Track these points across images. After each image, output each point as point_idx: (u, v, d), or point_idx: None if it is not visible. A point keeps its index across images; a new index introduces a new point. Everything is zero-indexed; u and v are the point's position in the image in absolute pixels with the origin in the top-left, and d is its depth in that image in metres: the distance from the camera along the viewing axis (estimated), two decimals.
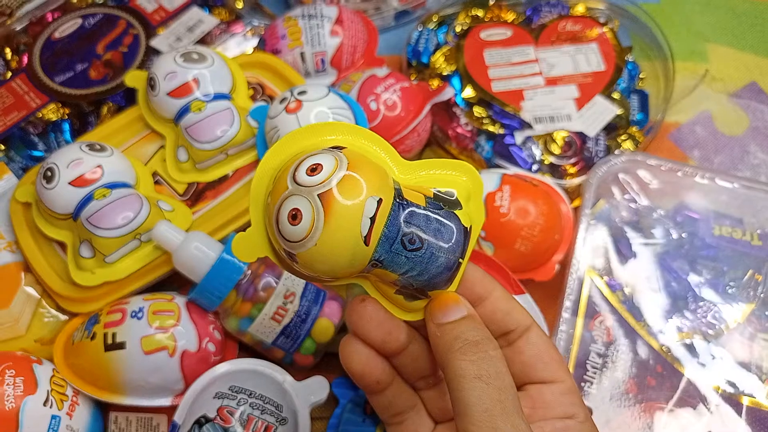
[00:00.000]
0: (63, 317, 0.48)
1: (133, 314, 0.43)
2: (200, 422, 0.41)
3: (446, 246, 0.29)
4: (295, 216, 0.27)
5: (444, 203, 0.29)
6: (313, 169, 0.27)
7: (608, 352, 0.47)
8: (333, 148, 0.29)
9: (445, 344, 0.30)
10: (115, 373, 0.42)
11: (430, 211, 0.29)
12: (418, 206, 0.29)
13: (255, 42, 0.63)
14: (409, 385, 0.34)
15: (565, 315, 0.47)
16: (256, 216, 0.30)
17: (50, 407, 0.41)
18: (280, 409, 0.41)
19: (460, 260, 0.30)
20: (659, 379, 0.46)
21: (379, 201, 0.27)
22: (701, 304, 0.49)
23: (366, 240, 0.27)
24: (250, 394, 0.41)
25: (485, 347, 0.29)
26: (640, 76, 0.62)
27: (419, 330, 0.33)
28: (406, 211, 0.28)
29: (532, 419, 0.31)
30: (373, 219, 0.27)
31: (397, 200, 0.28)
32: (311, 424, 0.43)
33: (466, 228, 0.30)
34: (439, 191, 0.30)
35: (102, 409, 0.46)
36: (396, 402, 0.33)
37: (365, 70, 0.55)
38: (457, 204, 0.30)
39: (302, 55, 0.57)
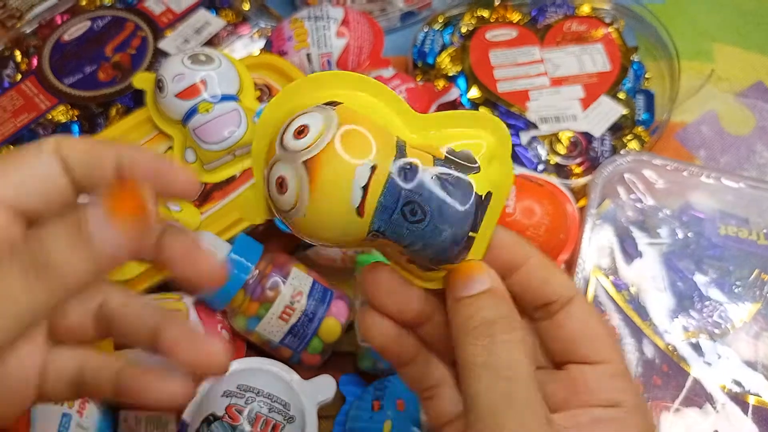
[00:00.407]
0: None
1: None
2: (209, 420, 0.41)
3: (451, 218, 0.25)
4: (281, 184, 0.24)
5: (456, 166, 0.25)
6: (300, 132, 0.24)
7: None
8: (327, 104, 0.25)
9: (459, 323, 0.26)
10: None
11: (432, 181, 0.25)
12: (423, 170, 0.25)
13: (262, 44, 0.64)
14: (440, 358, 0.30)
15: None
16: (258, 176, 0.27)
17: (61, 405, 0.42)
18: (288, 407, 0.42)
19: (471, 233, 0.26)
20: (665, 378, 0.47)
21: (373, 167, 0.24)
22: (707, 303, 0.49)
23: (359, 211, 0.24)
24: (258, 393, 0.41)
25: (502, 328, 0.25)
26: (646, 75, 0.62)
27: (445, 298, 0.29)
28: (409, 177, 0.25)
29: (570, 405, 0.27)
30: (366, 188, 0.24)
31: (399, 164, 0.25)
32: (318, 422, 0.43)
33: (480, 196, 0.25)
34: (452, 151, 0.26)
35: (112, 408, 0.46)
36: (425, 376, 0.30)
37: (371, 71, 0.55)
38: (472, 167, 0.26)
39: (308, 56, 0.57)
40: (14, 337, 0.21)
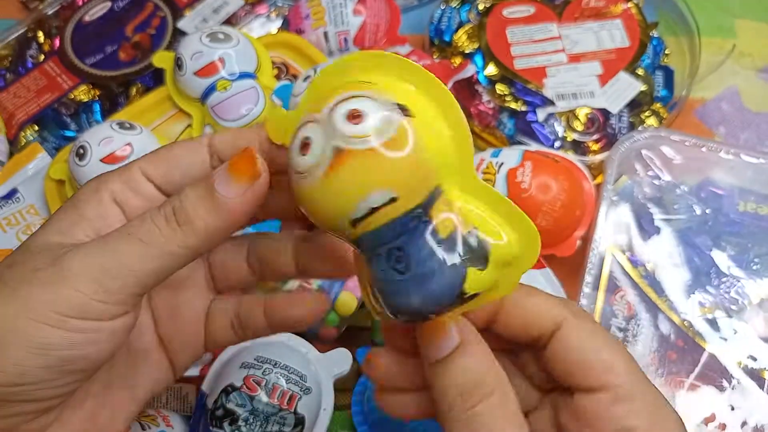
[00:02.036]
0: None
1: None
2: (227, 391, 0.42)
3: (426, 293, 0.23)
4: (305, 145, 0.23)
5: (465, 252, 0.23)
6: (355, 116, 0.22)
7: (629, 326, 0.48)
8: (398, 105, 0.23)
9: (436, 396, 0.26)
10: None
11: (443, 248, 0.23)
12: (434, 234, 0.23)
13: (279, 23, 0.64)
14: None
15: (586, 290, 0.48)
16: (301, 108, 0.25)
17: None
18: (305, 379, 0.42)
19: (432, 316, 0.24)
20: (680, 354, 0.47)
21: (393, 199, 0.22)
22: (724, 279, 0.49)
23: (353, 223, 0.23)
24: (275, 364, 0.42)
25: (478, 398, 0.25)
26: (666, 52, 0.61)
27: None
28: (419, 228, 0.23)
29: None
30: (373, 210, 0.22)
31: (419, 210, 0.23)
32: (335, 395, 0.44)
33: (464, 293, 0.23)
34: (474, 236, 0.23)
35: None
36: None
37: (387, 48, 0.55)
38: (480, 260, 0.23)
39: (325, 34, 0.57)
40: (161, 276, 0.25)
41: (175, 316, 0.30)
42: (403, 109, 0.22)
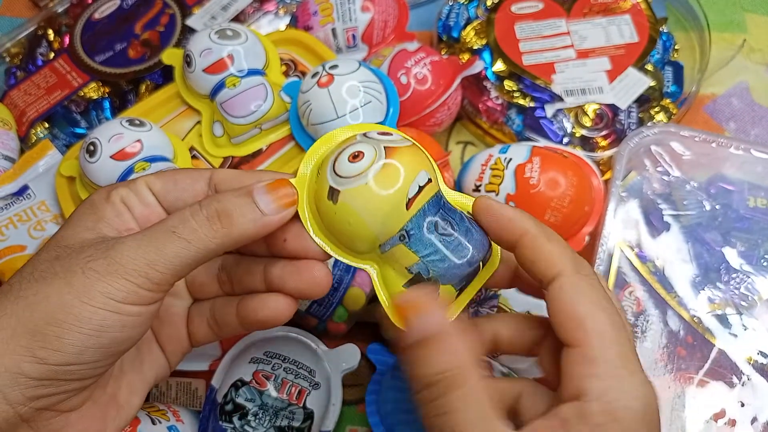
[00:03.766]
0: None
1: None
2: (237, 386, 0.42)
3: (472, 246, 0.31)
4: (356, 156, 0.29)
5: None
6: (383, 133, 0.31)
7: (638, 322, 0.47)
8: (405, 137, 0.32)
9: (412, 383, 0.29)
10: None
11: (464, 214, 0.31)
12: (454, 208, 0.31)
13: (287, 20, 0.64)
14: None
15: None
16: (303, 176, 0.32)
17: None
18: (313, 374, 0.43)
19: (480, 265, 0.32)
20: (690, 350, 0.47)
21: (429, 180, 0.30)
22: (734, 275, 0.49)
23: (408, 203, 0.29)
24: (284, 359, 0.43)
25: (443, 388, 0.27)
26: (675, 47, 0.61)
27: None
28: (446, 204, 0.31)
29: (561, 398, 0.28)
30: (420, 189, 0.29)
31: (440, 193, 0.31)
32: (343, 390, 0.44)
33: (490, 245, 0.32)
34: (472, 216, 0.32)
35: None
36: None
37: (396, 44, 0.55)
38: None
39: (333, 31, 0.57)
40: (193, 267, 0.29)
41: (161, 316, 0.35)
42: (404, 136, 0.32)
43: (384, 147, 0.29)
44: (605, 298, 0.29)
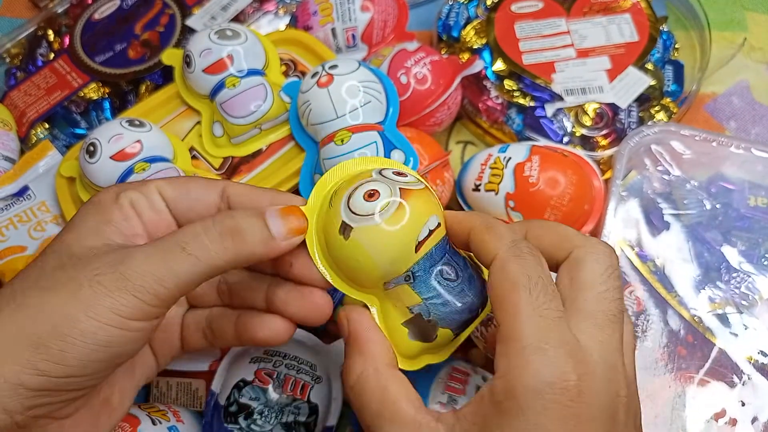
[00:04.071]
0: None
1: None
2: (239, 386, 0.42)
3: (472, 294, 0.32)
4: (372, 195, 0.30)
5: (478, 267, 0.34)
6: (399, 173, 0.32)
7: (638, 321, 0.47)
8: (414, 175, 0.34)
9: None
10: None
11: (468, 260, 0.33)
12: (459, 252, 0.33)
13: (287, 20, 0.64)
14: None
15: None
16: (313, 207, 0.33)
17: None
18: (315, 368, 0.43)
19: (479, 312, 0.33)
20: (690, 349, 0.46)
21: (439, 224, 0.31)
22: (735, 275, 0.49)
23: (417, 246, 0.30)
24: (285, 356, 0.43)
25: (354, 376, 0.31)
26: (675, 46, 0.61)
27: None
28: (452, 248, 0.32)
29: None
30: (431, 232, 0.31)
31: (446, 238, 0.32)
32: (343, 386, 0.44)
33: (486, 298, 0.33)
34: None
35: None
36: None
37: (395, 44, 0.55)
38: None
39: (333, 30, 0.57)
40: (200, 283, 0.29)
41: None
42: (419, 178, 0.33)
43: (399, 188, 0.30)
44: (533, 275, 0.28)
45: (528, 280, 0.28)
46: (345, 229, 0.30)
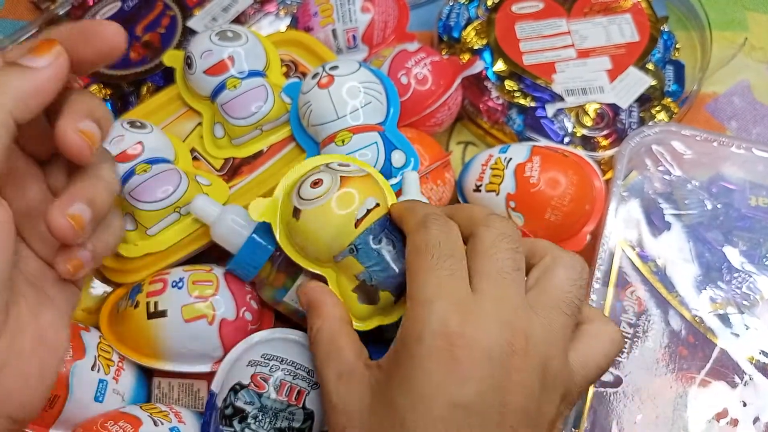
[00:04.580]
0: (108, 288, 0.50)
1: (174, 284, 0.45)
2: (235, 389, 0.42)
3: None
4: (316, 183, 0.37)
5: None
6: (342, 165, 0.39)
7: (639, 322, 0.47)
8: (361, 168, 0.40)
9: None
10: (157, 340, 0.44)
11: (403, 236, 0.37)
12: (397, 228, 0.38)
13: (287, 21, 0.64)
14: None
15: (596, 285, 0.47)
16: (277, 199, 0.40)
17: (97, 372, 0.44)
18: (312, 374, 0.43)
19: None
20: (691, 349, 0.46)
21: (377, 204, 0.37)
22: (736, 275, 0.49)
23: (357, 223, 0.36)
24: (282, 361, 0.43)
25: (316, 322, 0.37)
26: (676, 46, 0.61)
27: None
28: (392, 225, 0.38)
29: None
30: (368, 211, 0.36)
31: (388, 215, 0.38)
32: None
33: None
34: None
35: (146, 375, 0.48)
36: None
37: (396, 45, 0.55)
38: None
39: (334, 31, 0.57)
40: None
41: (42, 237, 0.30)
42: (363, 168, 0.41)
43: (340, 176, 0.37)
44: (431, 241, 0.33)
45: (426, 246, 0.32)
46: (296, 212, 0.37)
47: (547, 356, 0.31)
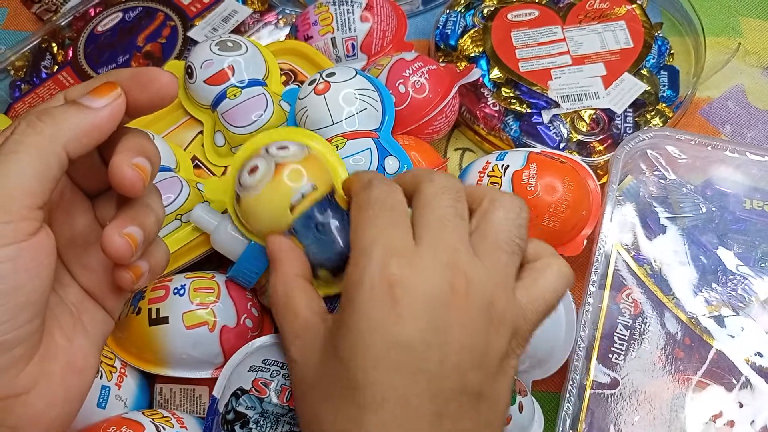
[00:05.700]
0: None
1: (176, 291, 0.45)
2: (237, 394, 0.43)
3: (343, 242, 0.38)
4: (253, 170, 0.38)
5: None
6: (281, 148, 0.39)
7: (635, 324, 0.48)
8: (305, 145, 0.40)
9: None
10: (159, 346, 0.45)
11: (345, 214, 0.39)
12: (338, 208, 0.39)
13: (287, 31, 0.65)
14: None
15: (592, 288, 0.48)
16: (230, 179, 0.41)
17: (100, 378, 0.44)
18: None
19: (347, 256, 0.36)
20: (687, 351, 0.47)
21: (314, 187, 0.38)
22: (731, 277, 0.49)
23: (292, 208, 0.37)
24: (283, 366, 0.43)
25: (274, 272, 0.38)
26: (670, 52, 0.61)
27: None
28: (330, 206, 0.39)
29: None
30: (303, 196, 0.37)
31: (329, 198, 0.38)
32: None
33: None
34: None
35: (148, 381, 0.48)
36: None
37: (394, 54, 0.56)
38: None
39: (333, 40, 0.58)
40: (44, 181, 0.26)
41: (86, 266, 0.32)
42: (308, 147, 0.40)
43: (275, 163, 0.37)
44: (372, 198, 0.34)
45: (368, 202, 0.34)
46: (237, 198, 0.39)
47: (492, 295, 0.31)
